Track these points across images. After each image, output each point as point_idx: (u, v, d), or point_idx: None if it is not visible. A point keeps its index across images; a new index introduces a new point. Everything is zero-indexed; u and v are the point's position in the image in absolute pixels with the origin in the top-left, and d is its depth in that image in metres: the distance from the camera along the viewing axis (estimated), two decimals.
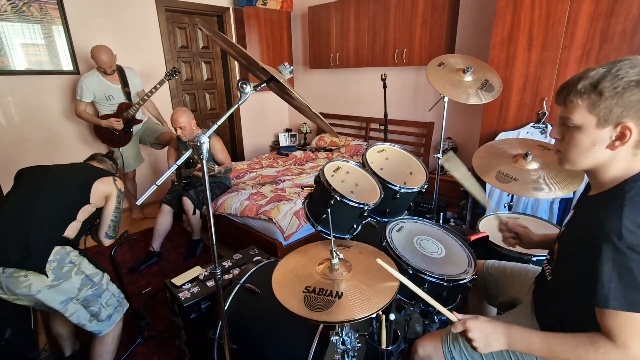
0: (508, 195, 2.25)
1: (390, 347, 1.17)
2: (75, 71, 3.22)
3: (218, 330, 1.36)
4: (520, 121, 2.50)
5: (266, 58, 4.42)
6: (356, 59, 3.83)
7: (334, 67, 4.09)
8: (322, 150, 4.22)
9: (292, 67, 1.17)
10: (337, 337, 1.10)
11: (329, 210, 1.23)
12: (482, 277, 1.37)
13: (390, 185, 1.42)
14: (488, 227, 1.70)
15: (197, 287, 1.60)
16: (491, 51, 2.50)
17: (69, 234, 1.48)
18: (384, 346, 1.16)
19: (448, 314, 0.94)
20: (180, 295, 1.55)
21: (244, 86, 0.96)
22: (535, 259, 1.45)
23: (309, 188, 2.96)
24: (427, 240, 1.34)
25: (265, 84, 1.04)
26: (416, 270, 1.13)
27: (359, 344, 1.14)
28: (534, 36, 2.32)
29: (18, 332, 1.66)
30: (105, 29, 3.34)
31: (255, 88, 0.99)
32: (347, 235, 1.37)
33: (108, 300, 1.53)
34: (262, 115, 4.96)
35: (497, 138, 2.54)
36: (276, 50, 4.51)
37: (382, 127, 2.82)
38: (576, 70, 2.22)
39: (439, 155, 2.08)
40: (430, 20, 3.11)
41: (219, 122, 0.98)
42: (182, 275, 1.69)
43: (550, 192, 1.40)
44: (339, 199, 1.21)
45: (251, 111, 4.81)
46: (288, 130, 5.02)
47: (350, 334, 1.13)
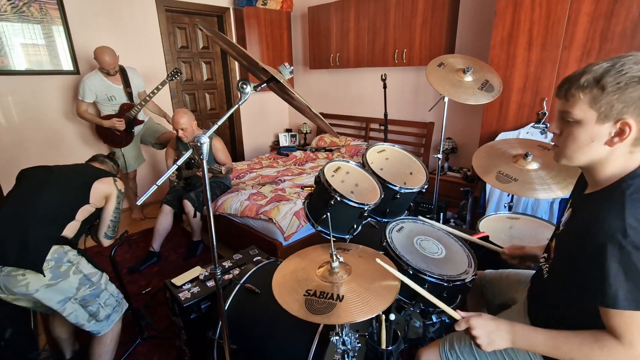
0: (508, 195, 2.25)
1: (390, 347, 1.17)
2: (76, 71, 3.22)
3: (218, 330, 1.36)
4: (520, 121, 2.50)
5: (266, 58, 4.42)
6: (356, 59, 3.83)
7: (334, 67, 4.09)
8: (322, 150, 4.22)
9: (292, 67, 1.17)
10: (337, 337, 1.10)
11: (329, 211, 1.23)
12: (480, 286, 1.37)
13: (390, 186, 1.42)
14: (488, 227, 1.70)
15: (197, 287, 1.60)
16: (491, 51, 2.50)
17: (68, 233, 1.48)
18: (383, 346, 1.17)
19: (451, 312, 0.94)
20: (180, 295, 1.55)
21: (244, 86, 0.96)
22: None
23: (309, 188, 2.96)
24: (427, 241, 1.34)
25: (265, 84, 1.04)
26: (416, 271, 1.13)
27: (359, 344, 1.14)
28: (534, 36, 2.32)
29: (18, 332, 1.66)
30: (105, 29, 3.34)
31: (255, 88, 0.99)
32: (348, 236, 1.37)
33: (106, 300, 1.53)
34: (262, 115, 4.96)
35: (497, 138, 2.54)
36: (276, 51, 4.51)
37: (382, 127, 2.82)
38: None
39: (439, 155, 2.08)
40: (430, 20, 3.11)
41: (219, 122, 0.98)
42: (182, 275, 1.69)
43: (550, 192, 1.40)
44: (339, 199, 1.22)
45: (251, 111, 4.81)
46: (288, 131, 5.02)
47: (350, 334, 1.13)
